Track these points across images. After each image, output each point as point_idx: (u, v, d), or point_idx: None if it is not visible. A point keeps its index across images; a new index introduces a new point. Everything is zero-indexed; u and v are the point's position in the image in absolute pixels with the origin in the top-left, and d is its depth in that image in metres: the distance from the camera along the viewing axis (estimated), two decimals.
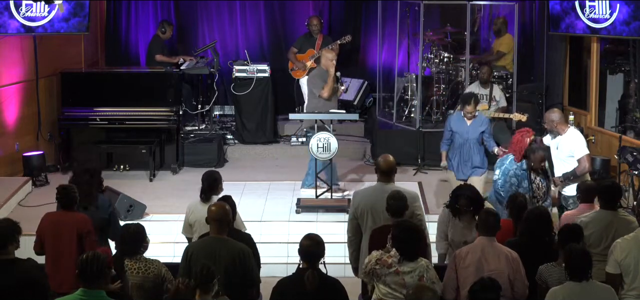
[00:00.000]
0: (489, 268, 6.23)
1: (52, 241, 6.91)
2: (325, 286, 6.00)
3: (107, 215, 7.42)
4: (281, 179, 11.41)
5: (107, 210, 7.44)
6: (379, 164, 7.36)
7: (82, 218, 6.92)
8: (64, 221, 6.93)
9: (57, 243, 6.87)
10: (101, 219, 7.32)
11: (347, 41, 12.79)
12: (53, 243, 6.90)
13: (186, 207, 7.72)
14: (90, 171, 7.48)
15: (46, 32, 11.25)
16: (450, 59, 12.73)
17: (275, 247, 9.31)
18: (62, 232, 6.87)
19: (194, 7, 14.00)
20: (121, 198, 9.72)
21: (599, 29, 11.29)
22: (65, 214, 6.98)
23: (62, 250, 6.84)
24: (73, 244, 6.81)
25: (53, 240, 6.90)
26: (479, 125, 9.50)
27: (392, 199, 6.85)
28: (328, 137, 9.87)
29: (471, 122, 9.50)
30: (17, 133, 11.37)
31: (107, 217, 7.41)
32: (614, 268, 6.38)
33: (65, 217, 6.95)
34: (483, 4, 13.23)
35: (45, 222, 7.04)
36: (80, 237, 6.83)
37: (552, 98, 12.62)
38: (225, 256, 6.20)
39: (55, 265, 6.85)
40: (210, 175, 7.71)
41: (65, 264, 6.77)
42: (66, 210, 6.98)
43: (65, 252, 6.82)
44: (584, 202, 7.44)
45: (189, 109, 12.81)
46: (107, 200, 7.68)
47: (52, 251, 6.91)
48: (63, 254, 6.83)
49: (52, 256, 6.91)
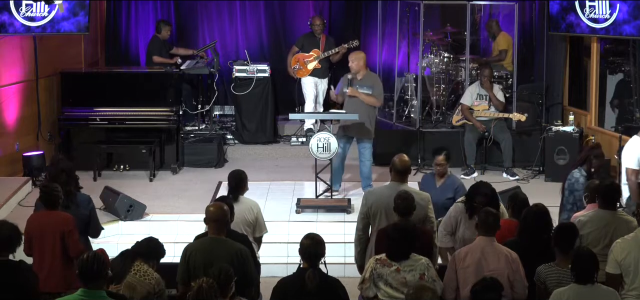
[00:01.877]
0: (488, 268, 6.23)
1: (37, 241, 6.96)
2: (326, 286, 6.00)
3: (87, 211, 7.49)
4: (281, 179, 11.41)
5: (87, 207, 7.51)
6: (395, 163, 7.34)
7: (64, 217, 6.98)
8: (47, 221, 6.98)
9: (42, 243, 6.92)
10: (83, 216, 7.39)
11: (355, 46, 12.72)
12: (38, 243, 6.95)
13: None
14: (65, 170, 7.53)
15: (46, 32, 11.25)
16: (450, 59, 12.73)
17: (275, 247, 9.31)
18: (46, 232, 6.92)
19: (194, 7, 14.00)
20: (121, 198, 9.71)
21: (599, 29, 11.29)
22: (49, 213, 7.03)
23: (46, 249, 6.90)
24: (57, 243, 6.87)
25: (38, 240, 6.96)
26: (448, 191, 8.59)
27: (399, 199, 6.84)
28: (328, 137, 9.87)
29: (441, 183, 8.73)
30: (17, 133, 11.37)
31: (87, 213, 7.48)
32: (614, 268, 6.38)
33: (49, 216, 7.00)
34: (483, 4, 13.23)
35: (31, 222, 7.10)
36: (63, 236, 6.88)
37: (552, 98, 12.62)
38: (223, 256, 6.19)
39: (40, 265, 6.89)
40: (237, 175, 7.72)
41: (49, 263, 6.86)
42: (50, 209, 7.02)
43: (48, 252, 6.89)
44: (592, 202, 7.39)
45: (189, 109, 12.80)
46: (87, 197, 7.71)
47: (37, 251, 6.96)
48: (47, 253, 6.89)
49: (38, 255, 6.95)
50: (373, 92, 10.19)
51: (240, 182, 7.66)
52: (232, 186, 7.66)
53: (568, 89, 12.68)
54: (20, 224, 9.19)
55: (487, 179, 10.38)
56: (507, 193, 9.32)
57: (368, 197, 7.37)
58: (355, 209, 9.58)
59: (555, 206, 8.08)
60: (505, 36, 12.88)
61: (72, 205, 7.36)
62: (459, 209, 7.38)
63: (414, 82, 12.66)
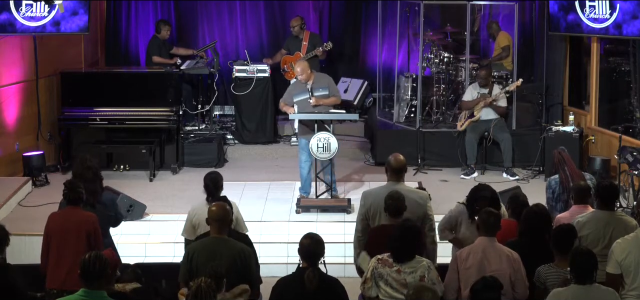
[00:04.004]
0: (490, 268, 6.23)
1: (57, 239, 6.86)
2: (326, 286, 6.00)
3: (113, 212, 7.54)
4: (281, 179, 11.40)
5: (112, 208, 7.52)
6: (390, 162, 7.32)
7: (89, 216, 6.91)
8: (71, 219, 6.89)
9: (64, 241, 6.83)
10: (108, 216, 7.39)
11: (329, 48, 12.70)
12: (59, 241, 6.85)
13: (190, 209, 7.61)
14: (92, 168, 7.51)
15: (46, 32, 11.24)
16: (450, 59, 12.73)
17: (275, 247, 9.31)
18: (69, 230, 6.83)
19: (194, 7, 14.00)
20: (121, 198, 9.71)
21: (599, 29, 11.29)
22: (72, 211, 6.94)
23: (68, 248, 6.79)
24: (81, 242, 6.76)
25: (59, 239, 6.85)
26: None
27: (390, 199, 6.84)
28: (328, 137, 9.86)
29: None
30: (17, 133, 11.36)
31: (113, 214, 7.53)
32: (614, 268, 6.37)
33: (73, 215, 6.92)
34: (483, 4, 13.23)
35: (53, 220, 7.00)
36: (88, 235, 6.80)
37: (552, 98, 12.62)
38: (226, 256, 6.19)
39: (58, 263, 6.81)
40: (214, 176, 7.66)
41: (69, 262, 6.71)
42: (73, 206, 6.95)
43: (71, 251, 6.76)
44: (578, 204, 7.41)
45: (189, 109, 12.81)
46: (111, 196, 7.72)
47: (57, 249, 6.86)
48: (68, 252, 6.78)
49: (56, 254, 6.85)
50: (330, 91, 10.18)
51: (218, 184, 7.57)
52: (211, 188, 7.50)
53: (568, 89, 12.67)
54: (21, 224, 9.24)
55: (487, 179, 10.43)
56: (507, 193, 9.32)
57: (366, 198, 7.34)
58: (355, 209, 9.58)
59: None
60: (506, 34, 12.89)
61: (98, 204, 7.33)
62: (461, 209, 7.37)
63: (413, 82, 12.66)
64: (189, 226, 7.46)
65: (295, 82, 10.45)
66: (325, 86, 10.15)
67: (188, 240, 7.42)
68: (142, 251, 9.33)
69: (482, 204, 7.03)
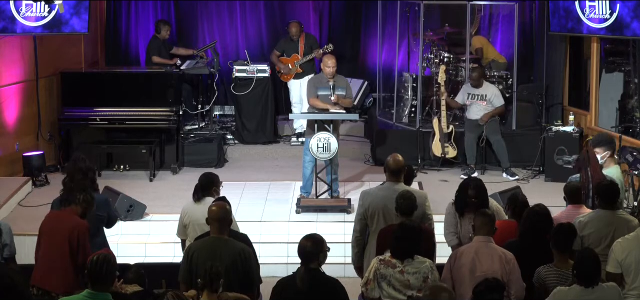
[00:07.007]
0: (481, 269, 6.21)
1: (46, 238, 6.93)
2: (325, 286, 6.00)
3: (105, 213, 7.51)
4: (281, 179, 11.41)
5: (105, 209, 7.52)
6: (389, 163, 7.34)
7: (79, 223, 6.89)
8: (62, 222, 6.92)
9: (51, 242, 6.88)
10: (100, 217, 7.39)
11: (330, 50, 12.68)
12: (47, 240, 6.92)
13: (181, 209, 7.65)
14: (82, 170, 7.52)
15: (46, 32, 11.24)
16: (450, 59, 12.73)
17: (275, 247, 9.32)
18: (58, 232, 6.86)
19: (194, 7, 14.00)
20: (121, 198, 9.71)
21: (599, 29, 11.28)
22: (65, 214, 6.97)
23: (53, 249, 6.85)
24: (65, 244, 6.78)
25: (47, 237, 6.92)
26: None
27: (401, 198, 6.85)
28: (328, 137, 9.86)
29: None
30: (17, 133, 11.36)
31: (105, 215, 7.51)
32: (614, 268, 6.37)
33: (63, 217, 6.96)
34: (483, 4, 13.23)
35: (46, 220, 7.07)
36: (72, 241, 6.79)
37: (552, 98, 12.62)
38: (226, 256, 6.19)
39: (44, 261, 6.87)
40: (207, 176, 7.65)
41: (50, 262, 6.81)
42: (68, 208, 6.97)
43: (55, 252, 6.83)
44: (572, 204, 7.40)
45: (189, 109, 12.81)
46: (105, 198, 7.71)
47: (45, 248, 6.91)
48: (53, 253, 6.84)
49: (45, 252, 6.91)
50: (347, 94, 10.27)
51: (208, 185, 7.53)
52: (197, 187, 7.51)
53: (568, 89, 12.67)
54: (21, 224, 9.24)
55: (487, 179, 10.40)
56: (506, 193, 9.33)
57: (364, 198, 7.35)
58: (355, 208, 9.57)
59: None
60: (478, 37, 12.98)
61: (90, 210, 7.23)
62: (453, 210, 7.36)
63: (412, 82, 12.66)
64: (180, 226, 7.55)
65: (315, 76, 10.50)
66: (344, 87, 10.26)
67: (182, 241, 7.51)
68: (142, 251, 9.34)
69: (472, 194, 7.04)
